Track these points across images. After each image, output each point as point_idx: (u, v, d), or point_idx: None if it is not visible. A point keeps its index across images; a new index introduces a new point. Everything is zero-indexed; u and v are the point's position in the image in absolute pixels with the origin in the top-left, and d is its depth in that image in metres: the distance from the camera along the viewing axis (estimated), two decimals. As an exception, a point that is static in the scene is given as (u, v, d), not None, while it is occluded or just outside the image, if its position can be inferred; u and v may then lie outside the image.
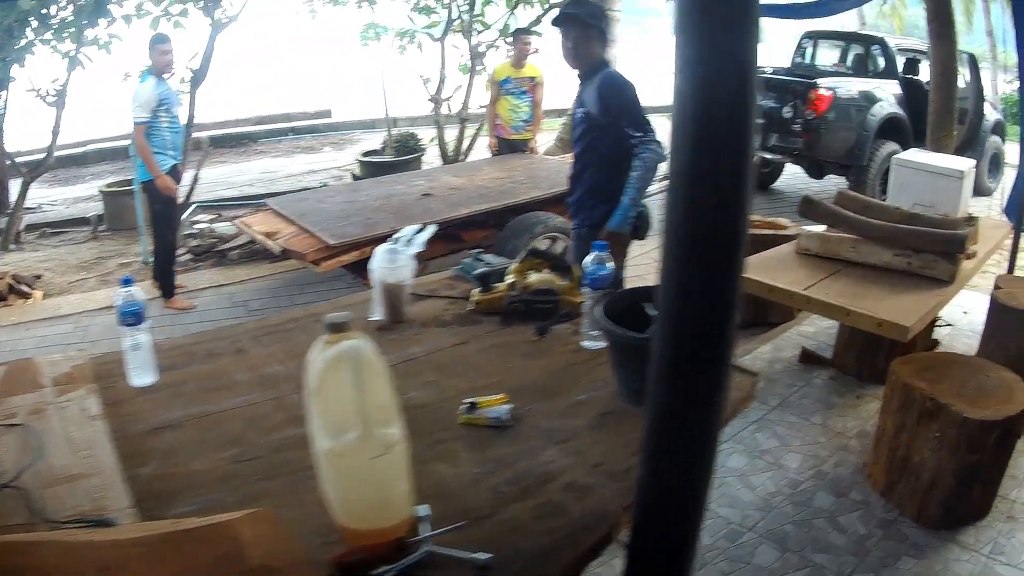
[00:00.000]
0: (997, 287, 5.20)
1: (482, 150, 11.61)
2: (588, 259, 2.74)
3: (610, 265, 2.74)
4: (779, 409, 5.01)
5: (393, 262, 3.09)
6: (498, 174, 8.07)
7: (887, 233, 4.29)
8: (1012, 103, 15.67)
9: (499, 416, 2.24)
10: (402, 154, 11.91)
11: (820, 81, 10.25)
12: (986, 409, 3.63)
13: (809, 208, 4.62)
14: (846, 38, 12.84)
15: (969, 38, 19.91)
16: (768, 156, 10.95)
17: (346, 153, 15.05)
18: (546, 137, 13.39)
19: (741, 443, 4.62)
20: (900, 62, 11.32)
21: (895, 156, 5.52)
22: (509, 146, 9.36)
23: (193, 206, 9.71)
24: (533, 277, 3.16)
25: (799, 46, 12.91)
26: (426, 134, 12.75)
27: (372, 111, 16.66)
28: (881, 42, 11.71)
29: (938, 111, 6.67)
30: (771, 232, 6.22)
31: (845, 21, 19.78)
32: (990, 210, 6.50)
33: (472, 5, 11.95)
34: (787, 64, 12.89)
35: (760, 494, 4.14)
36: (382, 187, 7.84)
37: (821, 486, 4.19)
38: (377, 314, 3.07)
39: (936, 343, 5.64)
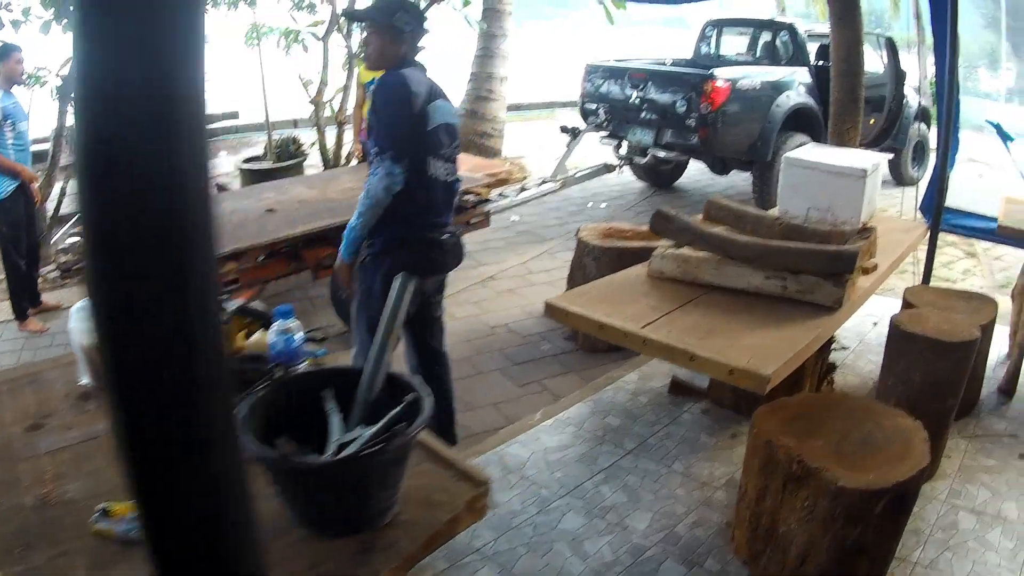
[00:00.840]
0: (905, 303, 4.65)
1: (365, 154, 11.00)
2: (272, 327, 2.04)
3: (298, 336, 2.04)
4: (635, 454, 4.40)
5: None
6: (355, 184, 7.38)
7: (755, 252, 3.57)
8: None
9: (128, 530, 1.83)
10: (283, 160, 11.47)
11: (717, 71, 9.71)
12: (870, 472, 2.98)
13: (661, 224, 3.89)
14: (751, 24, 12.30)
15: (897, 23, 19.71)
16: (662, 154, 10.38)
17: (239, 157, 14.28)
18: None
19: (581, 498, 3.98)
20: (813, 49, 10.88)
21: (785, 155, 4.92)
22: None
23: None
24: (247, 339, 2.46)
25: (702, 34, 12.44)
26: (309, 138, 12.28)
27: (276, 113, 15.86)
28: (790, 28, 11.20)
29: (841, 101, 6.07)
30: (641, 244, 5.52)
31: (764, 8, 19.37)
32: (914, 202, 6.12)
33: (352, 2, 11.50)
34: (690, 55, 12.47)
35: (593, 565, 3.50)
36: (230, 201, 7.13)
37: (672, 552, 3.57)
38: (85, 377, 2.69)
39: (832, 368, 5.01)
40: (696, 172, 12.10)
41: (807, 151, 5.05)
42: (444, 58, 15.36)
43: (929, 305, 4.59)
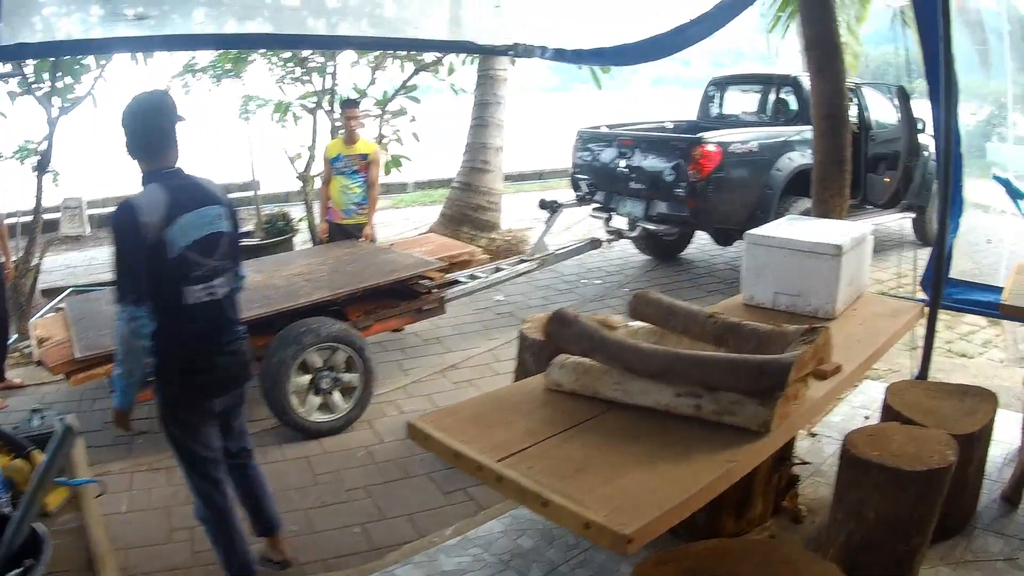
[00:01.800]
0: (885, 408, 4.02)
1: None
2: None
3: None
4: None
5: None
6: (303, 269, 7.03)
7: (662, 364, 2.92)
8: (972, 135, 14.60)
9: None
10: (272, 236, 11.14)
11: (707, 135, 9.07)
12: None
13: (557, 329, 3.25)
14: (754, 81, 11.71)
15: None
16: (651, 227, 9.70)
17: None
18: (415, 216, 13.10)
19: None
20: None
21: (747, 232, 4.39)
22: (342, 232, 8.36)
23: (69, 290, 9.07)
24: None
25: (705, 95, 11.83)
26: (299, 213, 12.04)
27: (272, 185, 15.68)
28: (793, 82, 10.51)
29: (822, 164, 5.47)
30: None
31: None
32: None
33: (334, 73, 11.52)
34: (695, 116, 11.89)
35: None
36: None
37: None
38: None
39: (795, 481, 4.30)
40: (704, 242, 11.44)
41: (775, 226, 4.53)
42: (440, 129, 15.33)
43: (911, 408, 3.94)
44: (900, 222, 10.94)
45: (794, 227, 4.51)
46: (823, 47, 5.48)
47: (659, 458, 2.66)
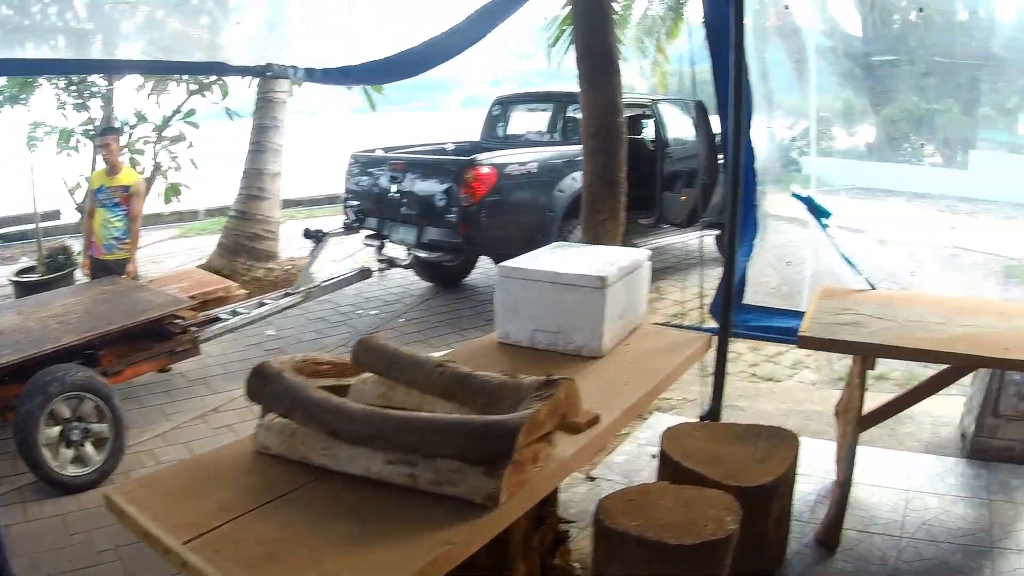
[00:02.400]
0: (662, 457, 3.64)
1: (142, 263, 10.13)
2: None
3: None
4: None
5: None
6: (60, 310, 6.46)
7: (370, 428, 2.49)
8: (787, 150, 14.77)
9: None
10: (53, 271, 10.34)
11: (480, 156, 8.81)
12: None
13: (257, 387, 2.83)
14: (539, 99, 11.51)
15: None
16: (423, 255, 9.42)
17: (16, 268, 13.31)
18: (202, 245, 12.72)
19: None
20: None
21: (500, 264, 4.06)
22: (104, 268, 7.76)
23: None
24: None
25: (489, 115, 11.61)
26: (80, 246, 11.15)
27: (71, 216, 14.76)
28: (576, 99, 10.21)
29: (592, 186, 5.15)
30: (332, 383, 4.29)
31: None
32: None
33: (110, 98, 11.03)
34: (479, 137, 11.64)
35: None
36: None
37: None
38: None
39: (564, 537, 3.86)
40: (490, 267, 10.90)
41: (534, 256, 4.16)
42: (228, 154, 14.85)
43: (693, 456, 3.63)
44: (705, 239, 10.82)
45: (556, 256, 4.18)
46: (595, 59, 5.18)
47: (365, 539, 2.26)
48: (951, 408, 5.72)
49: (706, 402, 4.89)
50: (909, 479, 4.91)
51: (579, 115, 9.99)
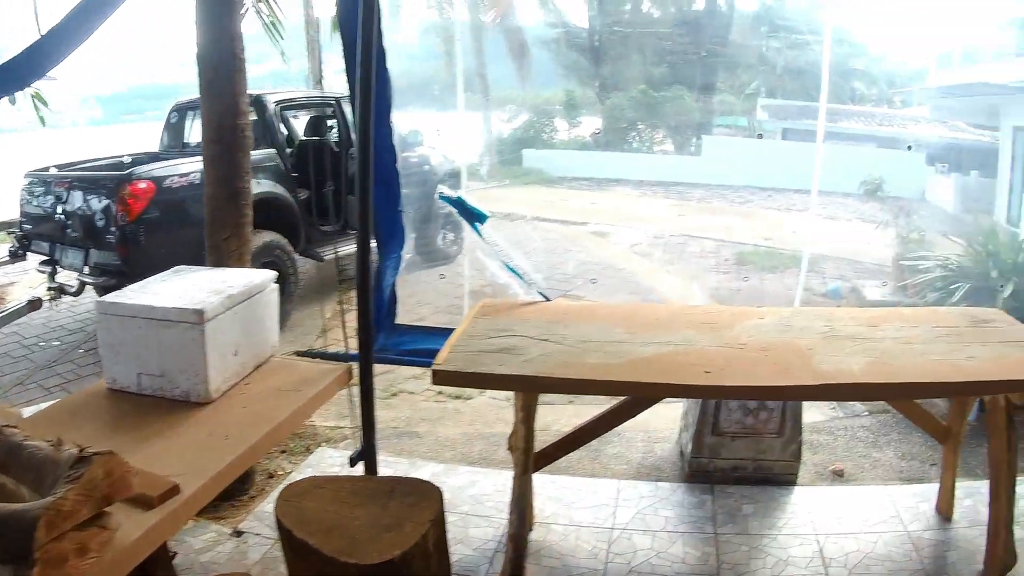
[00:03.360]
0: (278, 515, 2.94)
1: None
2: None
3: None
4: None
5: None
6: None
7: None
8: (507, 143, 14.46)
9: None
10: None
11: (137, 170, 8.15)
12: None
13: None
14: None
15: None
16: (90, 281, 8.49)
17: None
18: None
19: None
20: (302, 123, 10.04)
21: (99, 300, 3.50)
22: None
23: None
24: None
25: (167, 122, 10.76)
26: None
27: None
28: (256, 100, 9.59)
29: (214, 199, 4.42)
30: None
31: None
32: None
33: None
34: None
35: None
36: None
37: None
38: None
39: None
40: None
41: (140, 287, 3.54)
42: None
43: (309, 524, 2.85)
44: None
45: (165, 286, 3.54)
46: (214, 58, 4.39)
47: None
48: (668, 420, 5.19)
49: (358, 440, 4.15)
50: (614, 514, 4.31)
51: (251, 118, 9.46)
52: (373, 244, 4.04)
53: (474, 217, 4.32)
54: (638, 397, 3.68)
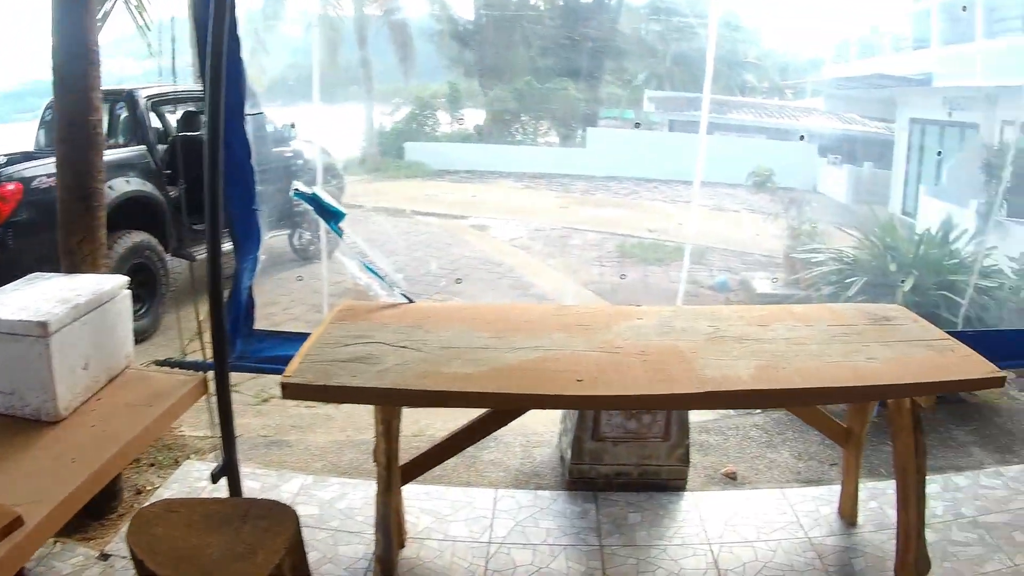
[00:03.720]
0: (129, 542, 2.68)
1: None
2: None
3: None
4: None
5: None
6: None
7: None
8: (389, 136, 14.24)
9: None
10: None
11: (5, 170, 7.67)
12: None
13: None
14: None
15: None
16: None
17: None
18: None
19: None
20: (175, 118, 9.61)
21: None
22: None
23: None
24: None
25: (43, 120, 10.28)
26: None
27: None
28: (127, 96, 9.42)
29: (66, 203, 4.14)
30: None
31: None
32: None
33: None
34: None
35: None
36: None
37: None
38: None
39: None
40: None
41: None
42: None
43: (160, 553, 2.61)
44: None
45: (13, 296, 3.30)
46: (66, 53, 4.12)
47: None
48: (548, 422, 5.04)
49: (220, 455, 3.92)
50: (492, 527, 4.14)
51: (124, 114, 9.14)
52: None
53: (331, 215, 4.10)
54: (499, 411, 3.53)
